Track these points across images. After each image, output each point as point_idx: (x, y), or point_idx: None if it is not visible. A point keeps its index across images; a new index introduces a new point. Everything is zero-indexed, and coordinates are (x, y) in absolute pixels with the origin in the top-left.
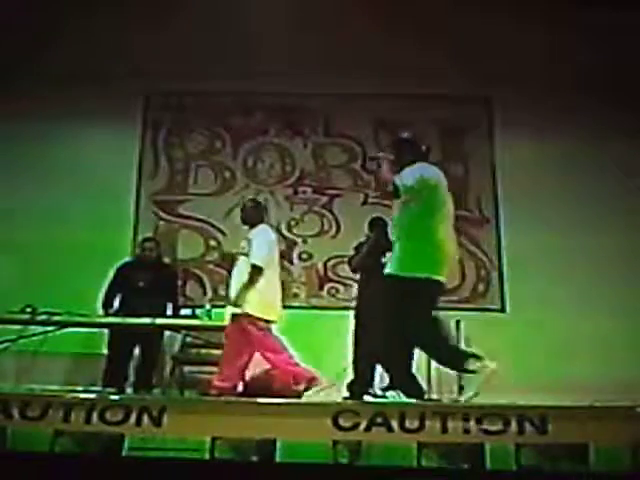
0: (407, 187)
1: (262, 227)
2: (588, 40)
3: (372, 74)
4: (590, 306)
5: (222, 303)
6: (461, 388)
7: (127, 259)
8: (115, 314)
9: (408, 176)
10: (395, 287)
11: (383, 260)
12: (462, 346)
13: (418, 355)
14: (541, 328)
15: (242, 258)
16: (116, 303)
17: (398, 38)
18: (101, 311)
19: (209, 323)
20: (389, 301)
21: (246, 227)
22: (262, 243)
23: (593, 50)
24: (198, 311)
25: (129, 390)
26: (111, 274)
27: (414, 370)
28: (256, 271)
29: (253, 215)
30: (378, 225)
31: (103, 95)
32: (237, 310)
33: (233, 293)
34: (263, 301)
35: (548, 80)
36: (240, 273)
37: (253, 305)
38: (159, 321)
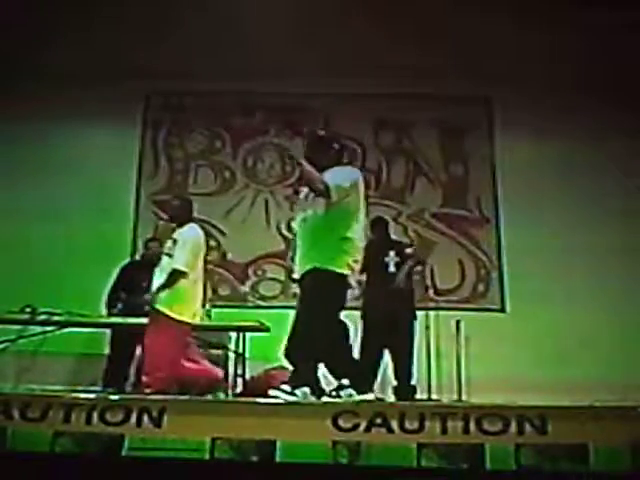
0: (341, 188)
1: (189, 226)
2: (588, 40)
3: (372, 74)
4: (590, 306)
5: (221, 303)
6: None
7: (130, 259)
8: (118, 314)
9: (341, 178)
10: (326, 280)
11: (387, 259)
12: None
13: (417, 356)
14: (541, 328)
15: (166, 259)
16: (120, 303)
17: (398, 38)
18: (105, 311)
19: (209, 323)
20: (324, 295)
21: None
22: (186, 245)
23: (593, 50)
24: None
25: (129, 390)
26: (115, 274)
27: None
28: (178, 275)
29: (180, 213)
30: (380, 225)
31: (103, 95)
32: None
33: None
34: (183, 303)
35: (548, 80)
36: (164, 274)
37: (172, 307)
38: None
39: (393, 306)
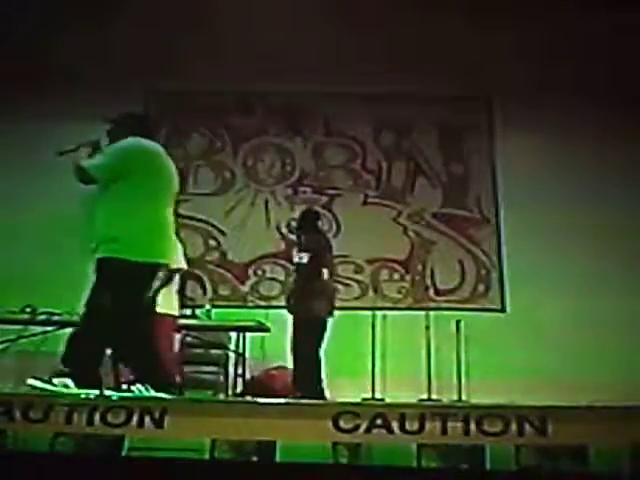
0: (106, 166)
1: None
2: (588, 41)
3: (372, 74)
4: (591, 306)
5: (221, 303)
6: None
7: None
8: None
9: (103, 155)
10: (127, 271)
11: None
12: None
13: (417, 356)
14: (541, 328)
15: None
16: None
17: (398, 38)
18: None
19: (209, 323)
20: (121, 287)
21: None
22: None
23: (593, 51)
24: (198, 311)
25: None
26: None
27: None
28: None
29: None
30: (309, 217)
31: (103, 95)
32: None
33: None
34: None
35: (548, 80)
36: None
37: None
38: None
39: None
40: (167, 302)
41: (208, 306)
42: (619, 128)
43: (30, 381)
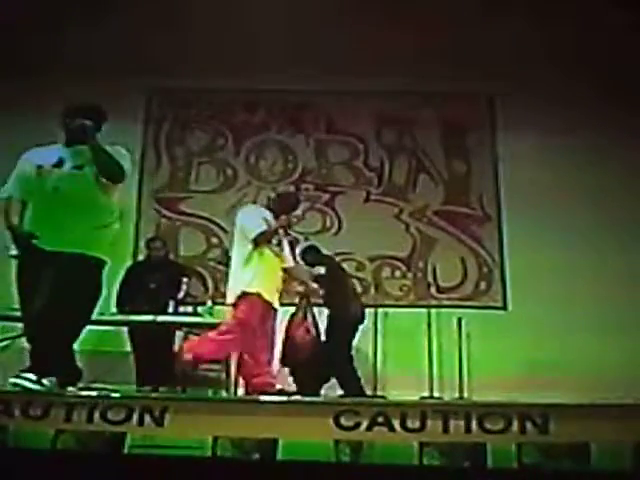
0: None
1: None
2: (591, 38)
3: (374, 71)
4: (592, 303)
5: (224, 300)
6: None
7: (138, 260)
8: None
9: None
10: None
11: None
12: None
13: (419, 354)
14: (543, 325)
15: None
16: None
17: (400, 36)
18: (115, 310)
19: (211, 320)
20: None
21: None
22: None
23: (596, 48)
24: (200, 308)
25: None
26: (123, 274)
27: None
28: None
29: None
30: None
31: (105, 92)
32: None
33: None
34: None
35: (550, 78)
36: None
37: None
38: (160, 319)
39: None
40: None
41: (210, 303)
42: (621, 125)
43: (15, 380)
